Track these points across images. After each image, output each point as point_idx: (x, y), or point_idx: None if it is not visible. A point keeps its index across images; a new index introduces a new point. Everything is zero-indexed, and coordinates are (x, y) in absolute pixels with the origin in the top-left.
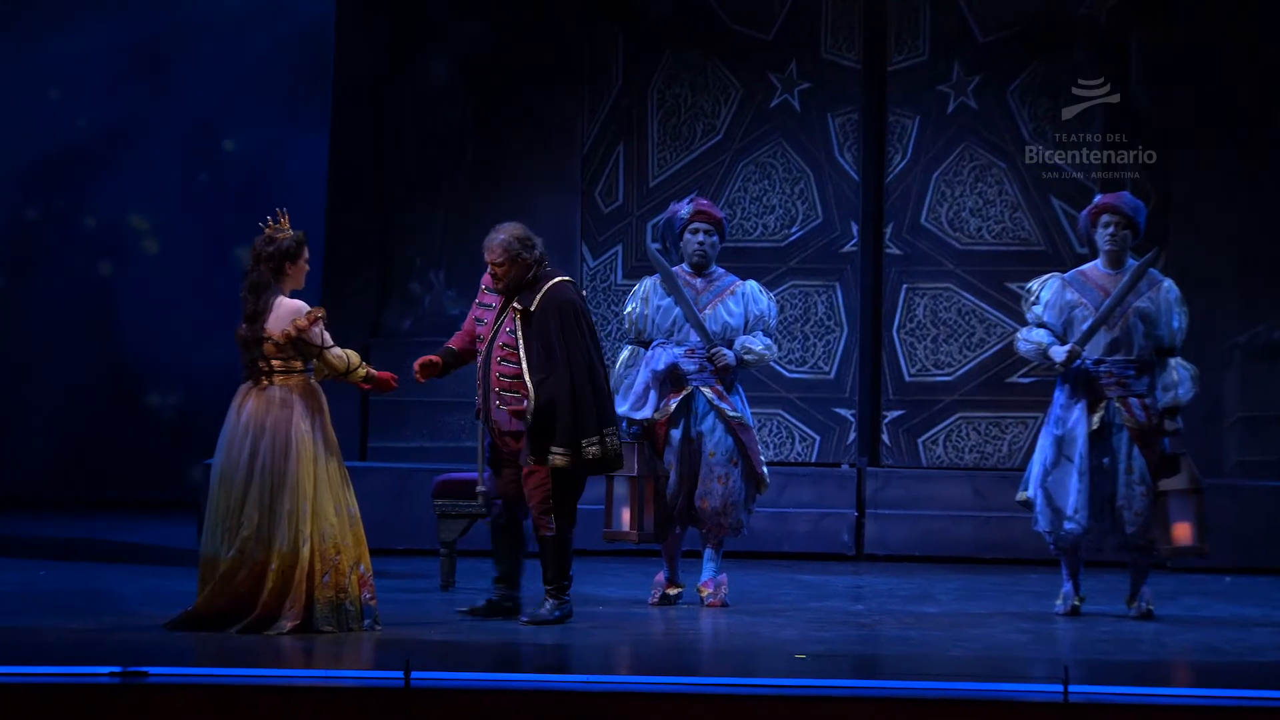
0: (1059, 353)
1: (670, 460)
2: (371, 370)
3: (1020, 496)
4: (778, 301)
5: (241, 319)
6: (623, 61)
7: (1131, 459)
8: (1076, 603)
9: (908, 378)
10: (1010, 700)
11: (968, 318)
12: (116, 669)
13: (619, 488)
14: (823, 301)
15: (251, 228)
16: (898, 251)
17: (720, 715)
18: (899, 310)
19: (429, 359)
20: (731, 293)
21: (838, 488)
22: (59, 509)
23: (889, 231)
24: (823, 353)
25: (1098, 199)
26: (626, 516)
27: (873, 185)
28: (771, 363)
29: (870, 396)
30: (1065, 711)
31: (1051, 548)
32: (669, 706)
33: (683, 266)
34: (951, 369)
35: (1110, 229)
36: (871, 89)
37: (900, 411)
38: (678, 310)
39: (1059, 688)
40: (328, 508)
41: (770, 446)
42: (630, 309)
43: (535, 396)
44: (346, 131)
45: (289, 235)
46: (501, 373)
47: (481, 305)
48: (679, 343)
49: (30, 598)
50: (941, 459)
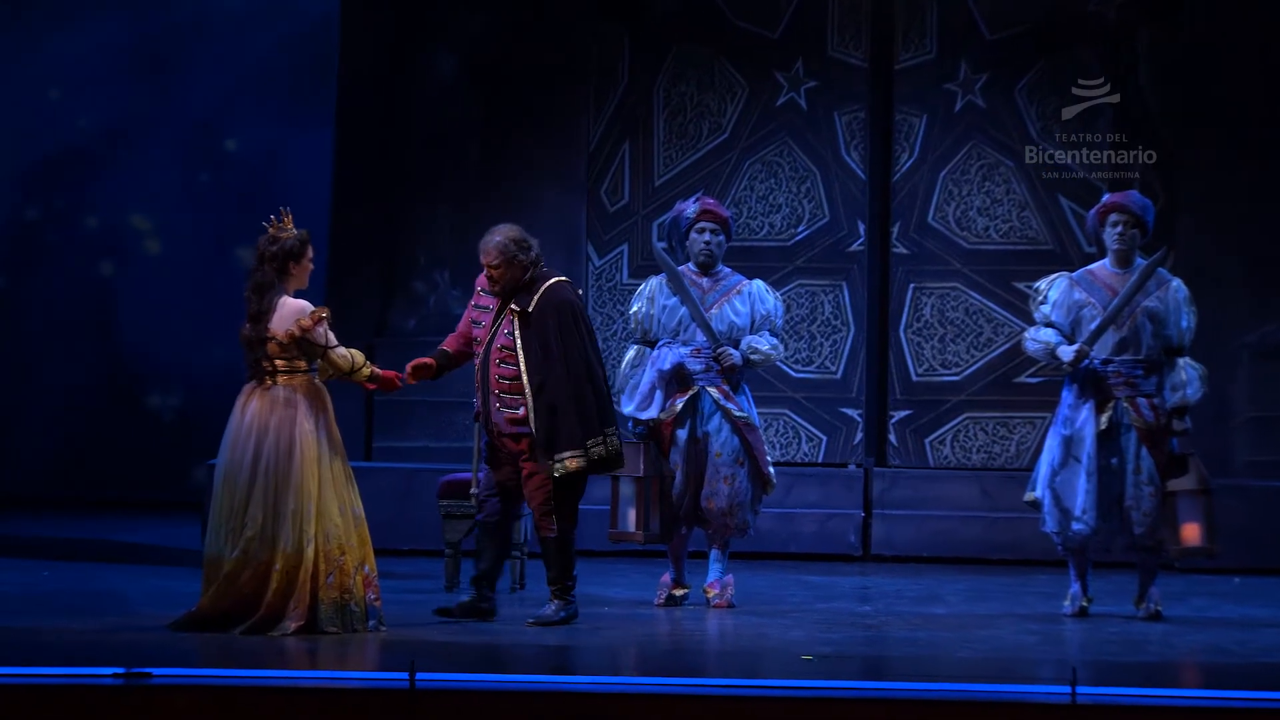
0: (1067, 352)
1: (676, 460)
2: (376, 370)
3: (1028, 497)
4: (784, 301)
5: (245, 319)
6: (628, 59)
7: (1140, 459)
8: (1084, 604)
9: (915, 377)
10: (1018, 701)
11: (975, 317)
12: (120, 670)
13: (625, 488)
14: (829, 301)
15: (254, 227)
16: (905, 251)
17: (726, 717)
18: (906, 310)
19: (422, 362)
20: (738, 292)
21: (844, 488)
22: (60, 509)
23: (896, 230)
24: (829, 352)
25: (1106, 198)
26: (632, 517)
27: (879, 184)
28: (778, 362)
29: (877, 396)
30: (1073, 713)
31: (1059, 548)
32: (675, 708)
33: (689, 266)
34: (959, 369)
35: (1118, 228)
36: (878, 87)
37: (907, 411)
38: (684, 310)
39: (1067, 689)
40: (332, 508)
41: (777, 447)
42: (636, 308)
43: (534, 401)
44: (351, 129)
45: (292, 234)
46: (501, 375)
47: (478, 307)
48: (685, 342)
49: (33, 598)
50: (949, 459)
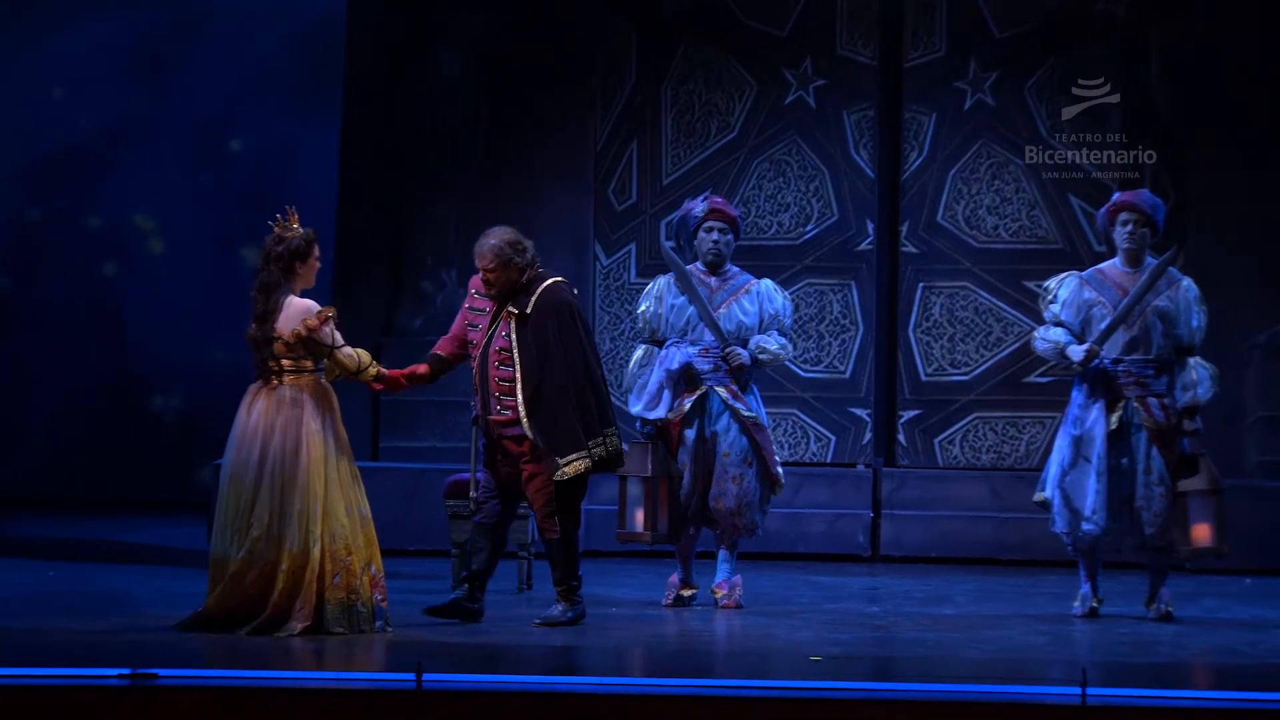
0: (1077, 352)
1: (684, 460)
2: (382, 370)
3: (1038, 497)
4: (793, 300)
5: (251, 318)
6: (636, 58)
7: (1150, 459)
8: (1095, 604)
9: (924, 377)
10: (1027, 703)
11: (985, 317)
12: (125, 670)
13: (633, 488)
14: (838, 300)
15: (259, 227)
16: (914, 250)
17: (733, 718)
18: (915, 309)
19: (417, 373)
20: (746, 291)
21: (853, 488)
22: (64, 510)
23: (905, 229)
24: (838, 352)
25: (1116, 197)
26: (640, 517)
27: (889, 183)
28: (786, 362)
29: (886, 396)
30: (1083, 714)
31: (1069, 549)
32: (682, 709)
33: (697, 265)
34: (968, 368)
35: (1129, 227)
36: (887, 85)
37: (916, 411)
38: (692, 309)
39: (1077, 690)
40: (338, 508)
41: (785, 446)
42: (644, 308)
43: (528, 404)
44: (357, 128)
45: (298, 234)
46: (500, 377)
47: (473, 310)
48: (693, 342)
49: (38, 599)
50: (958, 459)
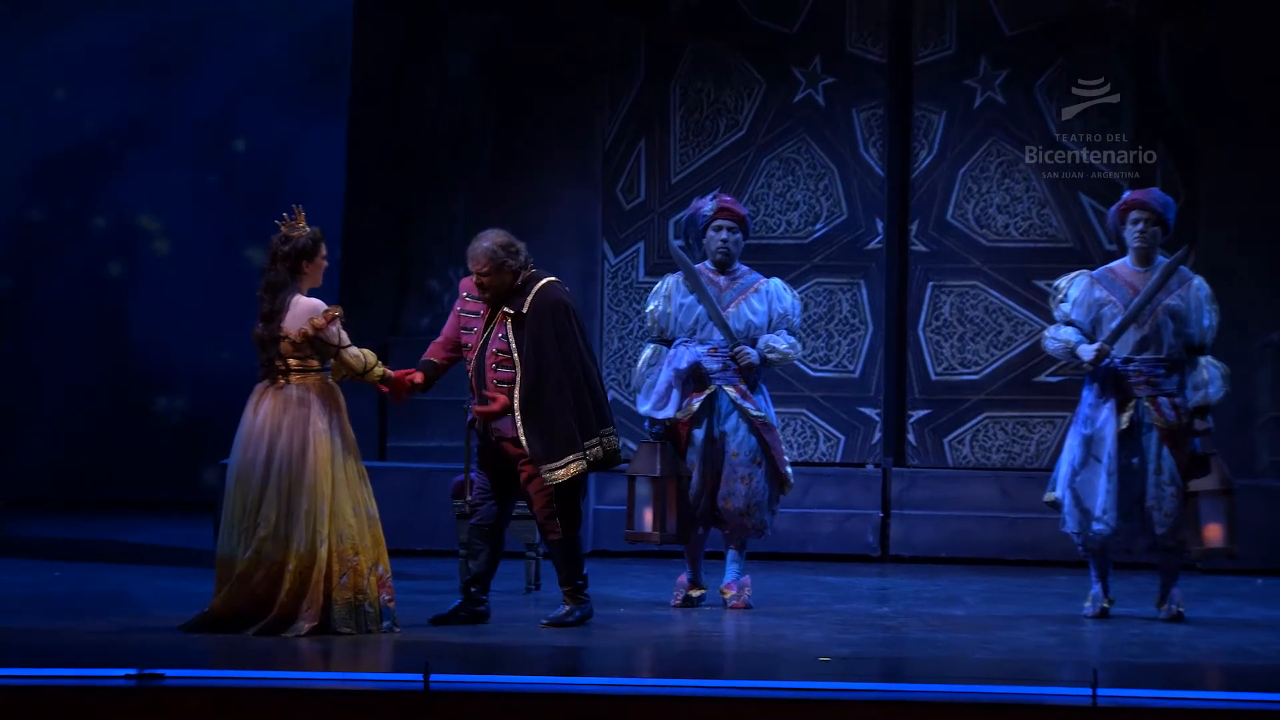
0: (1087, 351)
1: (693, 460)
2: (388, 371)
3: (1048, 497)
4: (802, 299)
5: (258, 318)
6: (644, 56)
7: (1161, 459)
8: (1105, 605)
9: (934, 376)
10: (1038, 704)
11: (995, 316)
12: (132, 671)
13: (641, 488)
14: (847, 299)
15: (265, 227)
16: (924, 248)
17: (742, 719)
18: (925, 308)
19: (414, 384)
20: (755, 290)
21: (863, 488)
22: (70, 510)
23: (915, 228)
24: (847, 351)
25: (1126, 195)
26: (649, 517)
27: (898, 181)
28: (796, 361)
29: (896, 396)
30: (1094, 715)
31: (1080, 549)
32: (691, 710)
33: (706, 264)
34: (978, 368)
35: (1139, 225)
36: (897, 83)
37: (926, 411)
38: (701, 308)
39: (1087, 691)
40: (346, 508)
41: (794, 446)
42: (652, 307)
43: (523, 405)
44: (363, 127)
45: (305, 233)
46: (499, 379)
47: (465, 313)
48: (702, 341)
49: (44, 599)
50: (968, 459)
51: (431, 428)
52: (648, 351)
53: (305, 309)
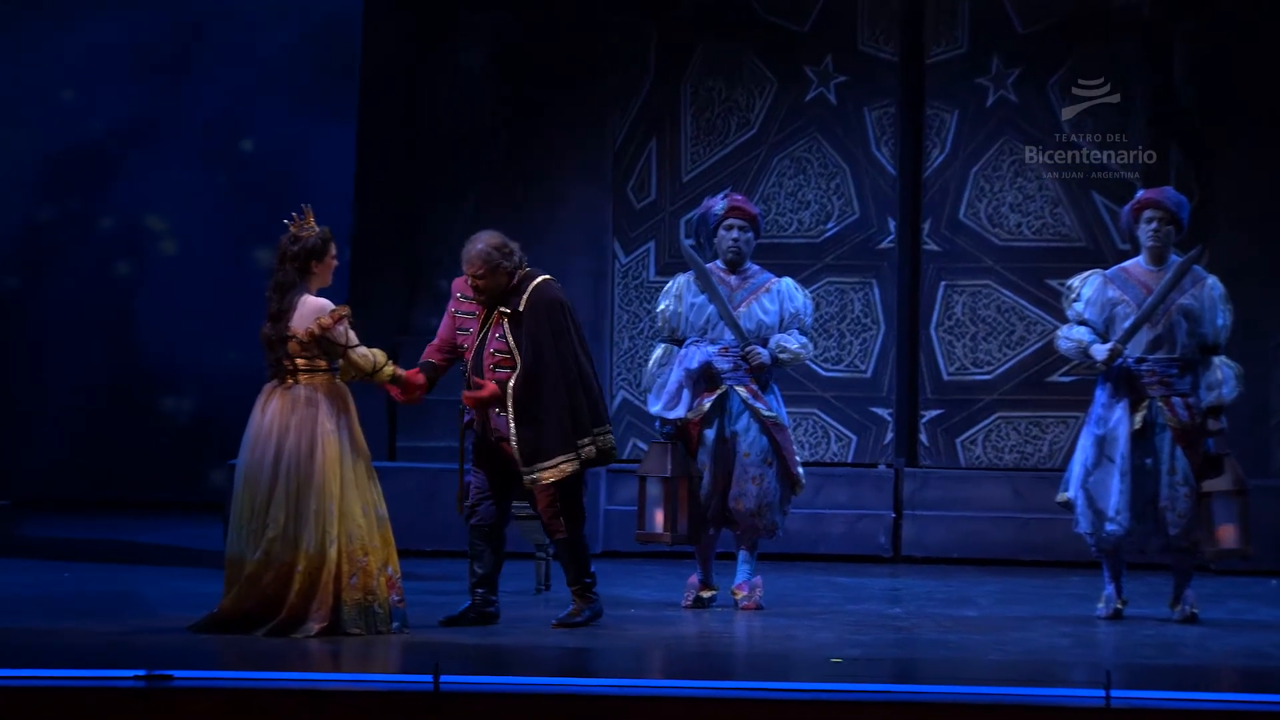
0: (1100, 351)
1: (704, 460)
2: (399, 370)
3: (1061, 497)
4: (813, 299)
5: (265, 318)
6: (655, 54)
7: (1174, 459)
8: (1119, 606)
9: (946, 376)
10: (1051, 706)
11: (1007, 315)
12: (141, 672)
13: (652, 489)
14: (859, 299)
15: (273, 227)
16: (936, 248)
17: None
18: (937, 307)
19: (418, 388)
20: (766, 290)
21: (874, 488)
22: (78, 511)
23: (927, 227)
24: (859, 351)
25: (1140, 194)
26: (660, 518)
27: (910, 180)
28: (807, 361)
29: (908, 395)
30: (1107, 717)
31: (1093, 550)
32: (702, 711)
33: (717, 263)
34: (991, 367)
35: (1153, 225)
36: (909, 82)
37: (938, 411)
38: (712, 308)
39: (1101, 693)
40: (355, 508)
41: (806, 446)
42: (663, 306)
43: (515, 404)
44: (373, 126)
45: (314, 232)
46: (499, 380)
47: (461, 314)
48: (713, 341)
49: (52, 600)
50: (980, 459)
51: (441, 428)
52: (659, 351)
53: (312, 309)
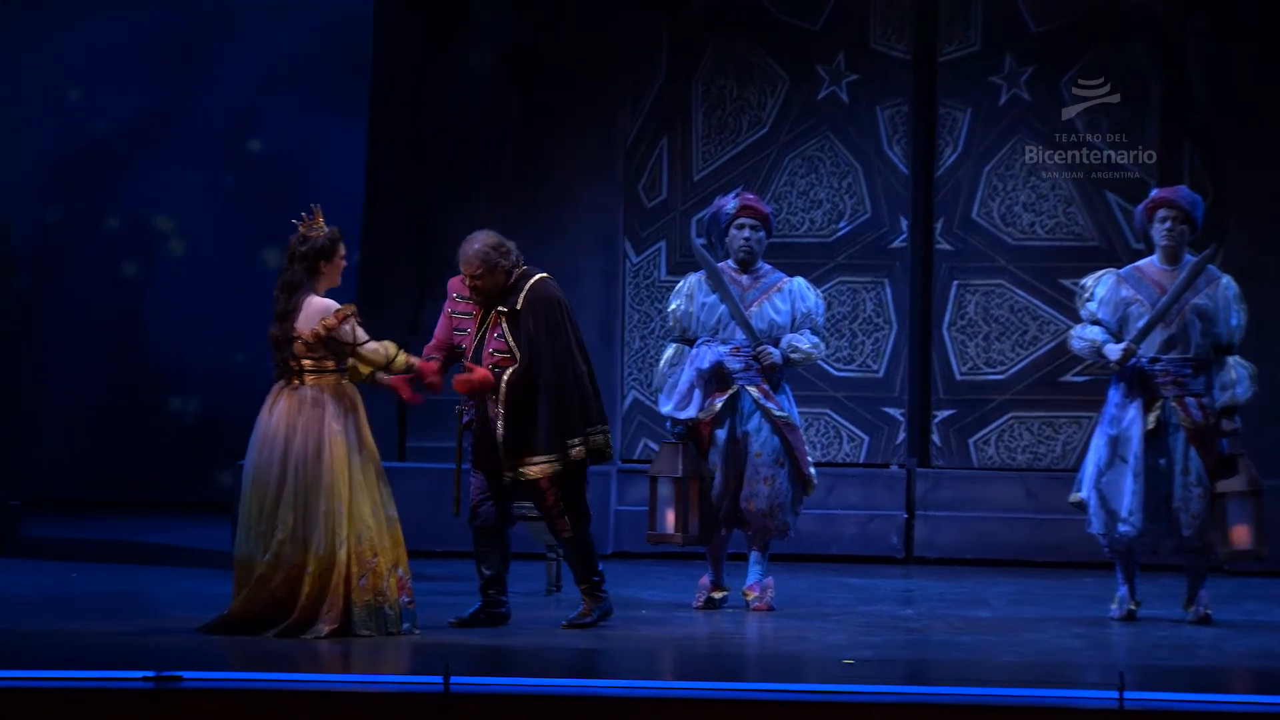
0: (1114, 351)
1: (715, 461)
2: (414, 359)
3: (1074, 498)
4: (825, 298)
5: (272, 318)
6: (666, 53)
7: (1188, 460)
8: (1132, 607)
9: (958, 376)
10: (1064, 707)
11: (1020, 315)
12: (150, 673)
13: (663, 489)
14: (871, 298)
15: (282, 227)
16: (948, 247)
17: None
18: (949, 307)
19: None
20: (778, 289)
21: (887, 489)
22: (86, 511)
23: (939, 226)
24: (871, 351)
25: (1154, 193)
26: (671, 518)
27: (922, 179)
28: (819, 361)
29: (920, 395)
30: (1121, 719)
31: (1106, 550)
32: (713, 713)
33: (728, 263)
34: (1003, 367)
35: (1167, 224)
36: (921, 80)
37: (951, 411)
38: (723, 307)
39: (1114, 694)
40: (364, 509)
41: (818, 447)
42: (674, 306)
43: (507, 401)
44: (384, 125)
45: (323, 232)
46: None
47: (457, 314)
48: (724, 340)
49: (61, 601)
50: (993, 459)
51: (451, 427)
52: (670, 351)
53: (317, 309)
